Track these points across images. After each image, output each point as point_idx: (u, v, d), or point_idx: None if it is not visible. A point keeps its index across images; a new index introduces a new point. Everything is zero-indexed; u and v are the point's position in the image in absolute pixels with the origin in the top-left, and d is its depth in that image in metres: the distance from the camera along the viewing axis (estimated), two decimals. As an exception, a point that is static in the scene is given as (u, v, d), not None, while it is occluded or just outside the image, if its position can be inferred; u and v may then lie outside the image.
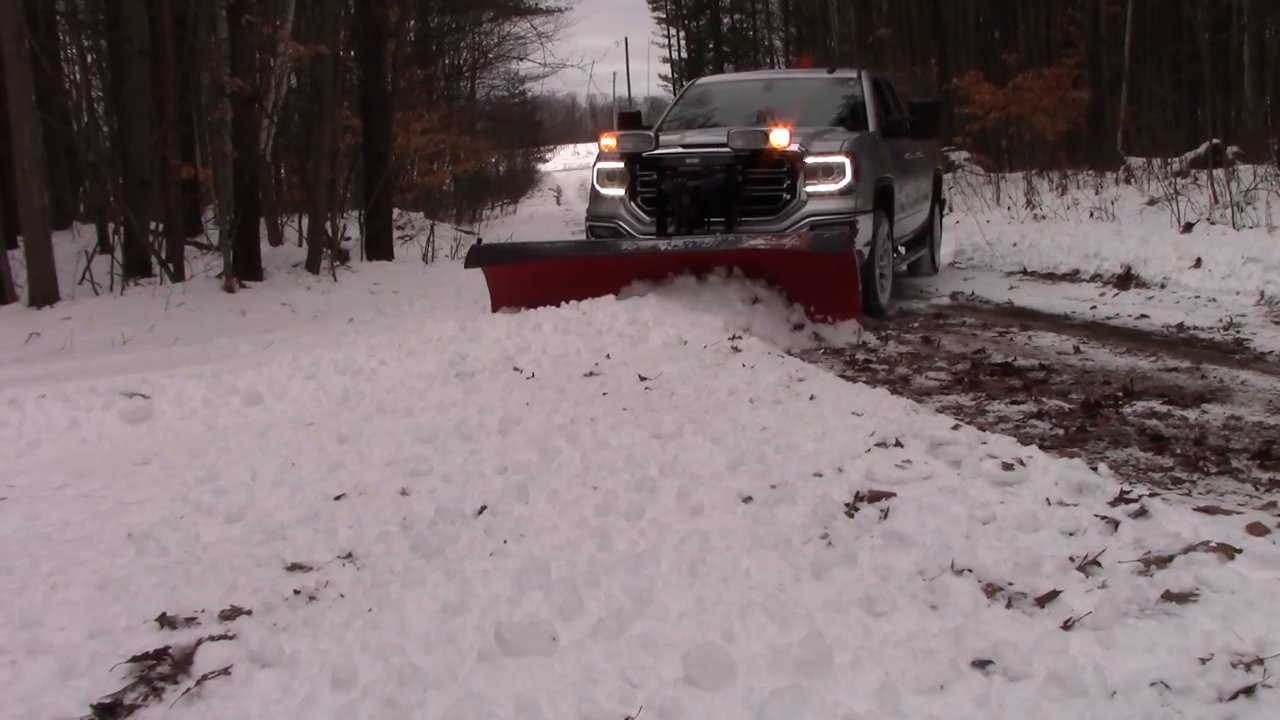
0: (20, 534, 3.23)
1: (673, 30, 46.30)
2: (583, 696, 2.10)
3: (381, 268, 12.28)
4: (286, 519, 3.25)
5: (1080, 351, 5.97)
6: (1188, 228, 10.27)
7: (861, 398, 4.47)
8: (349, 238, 13.54)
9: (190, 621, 2.53)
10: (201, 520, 3.28)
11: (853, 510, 3.09)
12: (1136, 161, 15.52)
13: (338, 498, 3.44)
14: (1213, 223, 10.56)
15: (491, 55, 31.98)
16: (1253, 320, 6.74)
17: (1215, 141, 13.93)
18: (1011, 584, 2.56)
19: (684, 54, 44.71)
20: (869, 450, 3.61)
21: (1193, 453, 3.86)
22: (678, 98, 9.72)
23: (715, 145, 7.28)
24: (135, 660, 2.32)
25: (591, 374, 5.13)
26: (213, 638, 2.42)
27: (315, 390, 4.98)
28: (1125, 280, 8.62)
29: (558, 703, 2.10)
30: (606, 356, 5.47)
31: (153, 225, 10.41)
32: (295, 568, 2.86)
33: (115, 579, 2.79)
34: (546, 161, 46.50)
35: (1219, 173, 12.19)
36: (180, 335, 7.56)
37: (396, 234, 14.40)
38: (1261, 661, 2.12)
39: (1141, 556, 2.65)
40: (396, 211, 15.73)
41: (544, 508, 3.22)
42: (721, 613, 2.44)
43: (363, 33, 13.64)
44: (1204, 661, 2.14)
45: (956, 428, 3.83)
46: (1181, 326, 6.63)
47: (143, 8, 10.24)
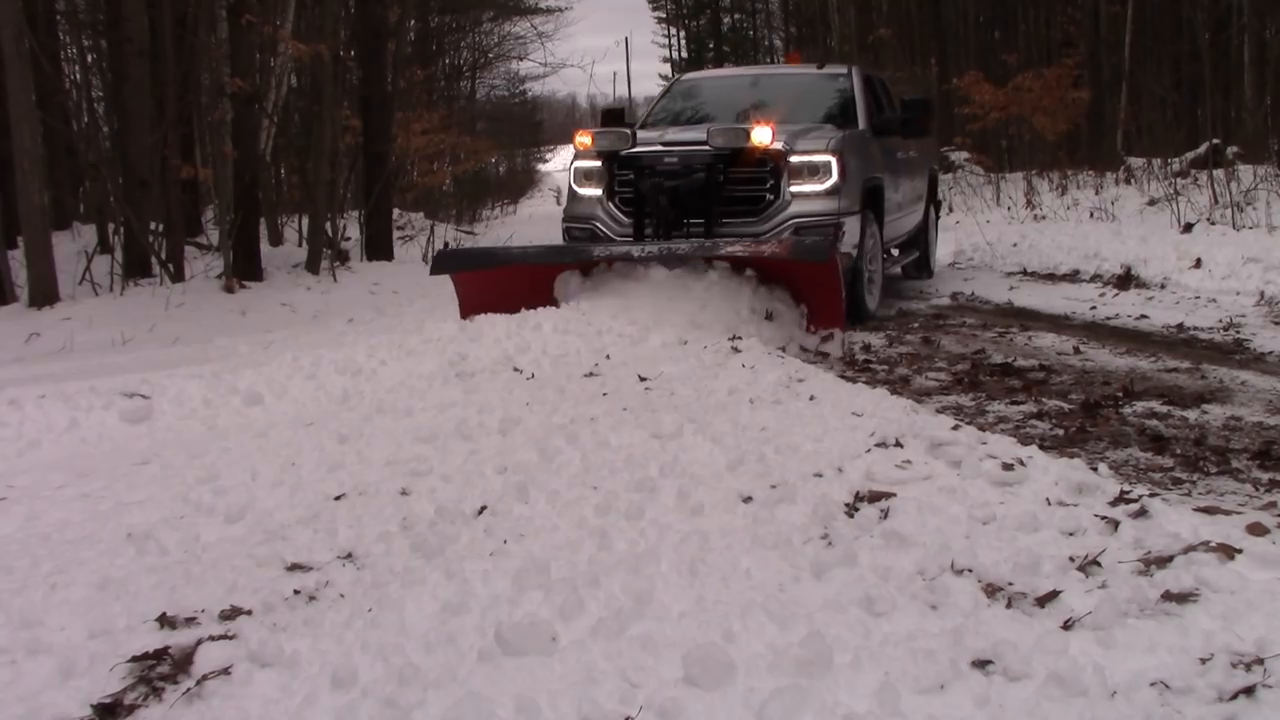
0: (20, 534, 3.22)
1: (673, 30, 46.36)
2: (583, 696, 2.10)
3: (381, 268, 12.28)
4: (286, 519, 3.25)
5: (1080, 352, 5.97)
6: (1188, 228, 10.27)
7: (861, 398, 4.47)
8: (349, 238, 13.55)
9: (190, 621, 2.53)
10: (201, 520, 3.28)
11: (853, 510, 3.09)
12: (1136, 161, 15.53)
13: (338, 498, 3.44)
14: (1213, 223, 10.56)
15: (491, 55, 32.01)
16: (1253, 320, 6.74)
17: (1215, 141, 13.94)
18: (1011, 584, 2.55)
19: (684, 54, 44.73)
20: (869, 450, 3.61)
21: (1193, 453, 3.86)
22: (662, 94, 9.32)
23: (695, 143, 6.95)
24: (135, 660, 2.32)
25: (591, 374, 5.12)
26: (213, 638, 2.42)
27: (315, 390, 4.98)
28: (1125, 280, 8.62)
29: (558, 703, 2.10)
30: (606, 357, 5.47)
31: (153, 225, 10.42)
32: (295, 568, 2.86)
33: (115, 579, 2.79)
34: (546, 162, 46.41)
35: (1219, 173, 12.19)
36: (180, 335, 7.56)
37: (396, 234, 14.41)
38: (1261, 661, 2.12)
39: (1141, 556, 2.65)
40: (396, 211, 15.74)
41: (544, 508, 3.22)
42: (721, 613, 2.44)
43: (363, 33, 13.64)
44: (1204, 661, 2.14)
45: (956, 428, 3.83)
46: (1181, 327, 6.64)
47: (143, 8, 10.25)
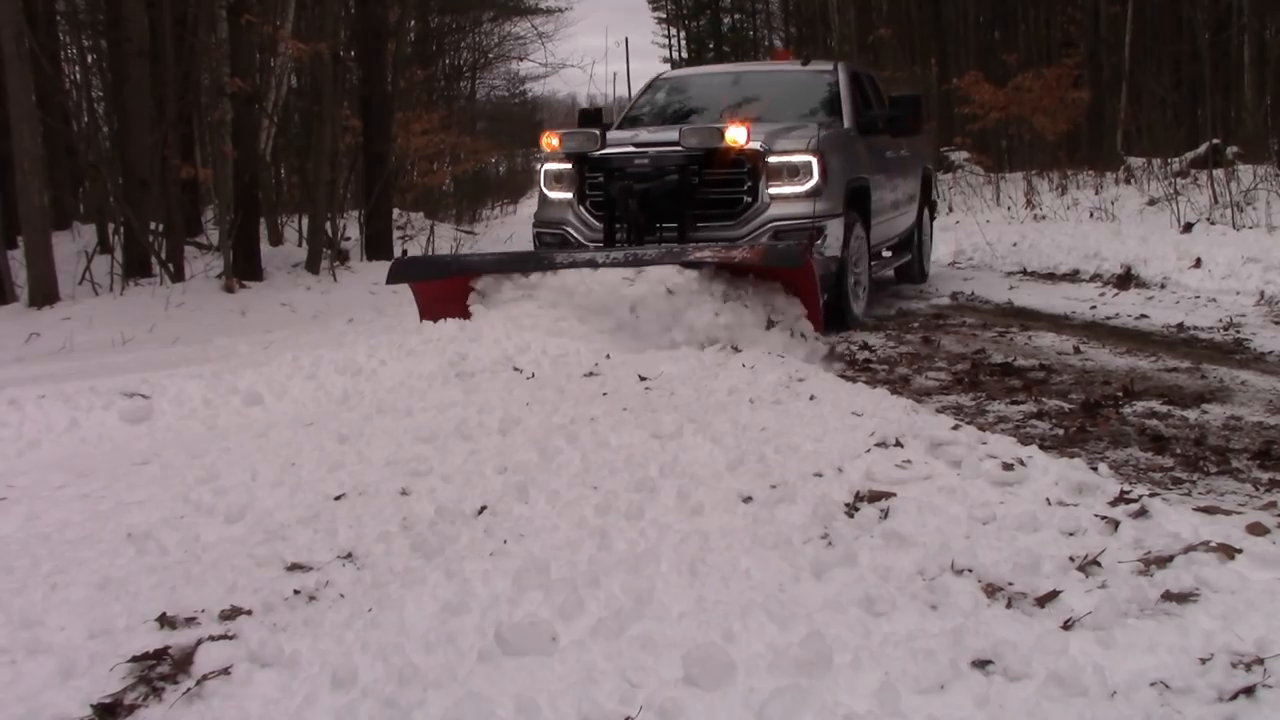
0: (20, 534, 3.22)
1: (673, 30, 46.33)
2: (583, 696, 2.10)
3: (381, 268, 12.19)
4: (286, 519, 3.25)
5: (1080, 351, 5.97)
6: (1188, 228, 10.27)
7: (861, 398, 4.47)
8: (349, 238, 13.54)
9: (190, 621, 2.53)
10: (201, 520, 3.28)
11: (853, 510, 3.09)
12: (1136, 161, 15.52)
13: (338, 498, 3.44)
14: (1213, 223, 10.56)
15: (491, 55, 31.98)
16: (1253, 320, 6.75)
17: (1215, 141, 13.93)
18: (1011, 584, 2.55)
19: (684, 54, 44.71)
20: (869, 450, 3.61)
21: (1193, 453, 3.86)
22: (640, 92, 8.90)
23: (667, 144, 6.68)
24: (135, 660, 2.32)
25: (591, 374, 5.12)
26: (213, 638, 2.42)
27: (315, 390, 4.99)
28: (1125, 280, 8.63)
29: (558, 703, 2.10)
30: (606, 356, 5.47)
31: (153, 225, 10.41)
32: (295, 568, 2.86)
33: (115, 579, 2.79)
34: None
35: (1219, 173, 12.19)
36: (180, 335, 7.55)
37: (396, 234, 14.41)
38: (1261, 661, 2.12)
39: (1141, 556, 2.65)
40: (396, 211, 15.73)
41: (544, 508, 3.22)
42: (721, 613, 2.44)
43: (363, 33, 13.64)
44: (1204, 661, 2.14)
45: (956, 428, 3.83)
46: (1181, 326, 6.64)
47: (143, 8, 10.25)
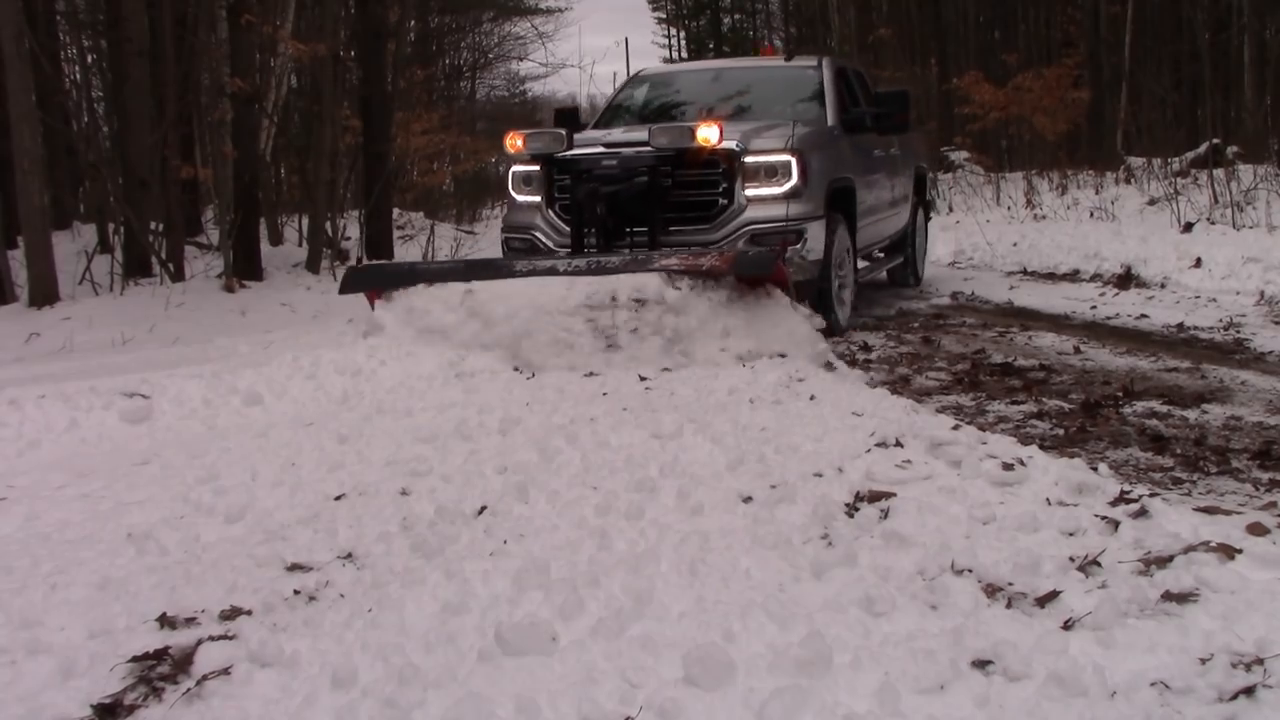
0: (20, 534, 3.22)
1: (673, 30, 46.34)
2: (583, 696, 2.10)
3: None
4: (286, 519, 3.25)
5: (1080, 351, 5.97)
6: (1188, 228, 10.27)
7: (861, 398, 4.46)
8: (349, 238, 13.53)
9: (190, 621, 2.53)
10: (201, 520, 3.28)
11: (853, 510, 3.09)
12: (1136, 161, 15.52)
13: (338, 498, 3.44)
14: (1213, 223, 10.56)
15: (491, 55, 31.99)
16: (1253, 320, 6.75)
17: (1215, 141, 13.93)
18: (1011, 584, 2.56)
19: (684, 54, 44.70)
20: (869, 450, 3.61)
21: (1193, 453, 3.86)
22: (618, 90, 8.62)
23: (637, 145, 6.39)
24: (135, 660, 2.32)
25: (591, 374, 5.12)
26: (213, 638, 2.42)
27: (315, 390, 4.98)
28: (1125, 280, 8.63)
29: (558, 703, 2.10)
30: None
31: (153, 225, 10.40)
32: (295, 568, 2.86)
33: (115, 579, 2.79)
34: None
35: (1219, 173, 12.19)
36: (180, 335, 7.55)
37: (396, 234, 14.39)
38: (1261, 661, 2.12)
39: (1141, 556, 2.65)
40: (396, 211, 15.72)
41: (544, 508, 3.22)
42: (721, 613, 2.44)
43: (363, 33, 13.62)
44: (1204, 661, 2.14)
45: (956, 428, 3.83)
46: (1181, 326, 6.64)
47: (143, 8, 10.23)
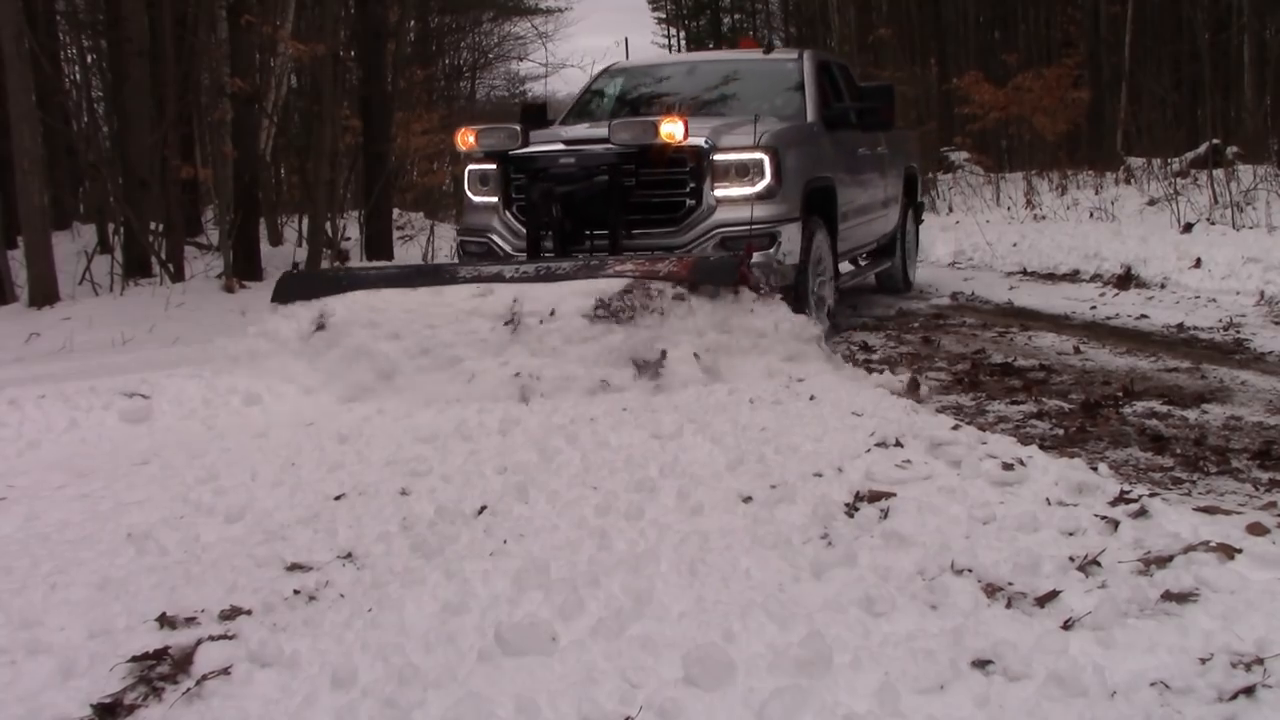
0: (20, 534, 3.22)
1: (673, 30, 46.35)
2: (583, 696, 2.10)
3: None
4: (286, 519, 3.25)
5: (1080, 352, 5.97)
6: (1188, 228, 10.27)
7: (861, 398, 4.46)
8: (349, 238, 13.53)
9: (190, 621, 2.53)
10: (201, 520, 3.28)
11: (853, 510, 3.09)
12: (1136, 161, 15.52)
13: (338, 498, 3.44)
14: (1213, 223, 10.56)
15: (491, 55, 32.02)
16: (1253, 320, 6.74)
17: (1215, 141, 13.93)
18: (1011, 584, 2.56)
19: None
20: (869, 450, 3.61)
21: (1193, 453, 3.86)
22: (588, 84, 8.21)
23: (597, 141, 5.96)
24: (135, 660, 2.33)
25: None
26: (213, 638, 2.42)
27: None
28: (1125, 280, 8.62)
29: (558, 703, 2.10)
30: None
31: (153, 225, 10.40)
32: (295, 568, 2.86)
33: (115, 579, 2.79)
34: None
35: (1219, 173, 12.19)
36: (180, 335, 7.54)
37: (396, 234, 14.39)
38: (1261, 661, 2.12)
39: (1141, 556, 2.65)
40: (396, 211, 15.71)
41: (544, 508, 3.22)
42: (721, 613, 2.44)
43: (363, 33, 13.62)
44: (1204, 661, 2.14)
45: (956, 428, 3.83)
46: (1181, 327, 6.64)
47: (143, 8, 10.23)
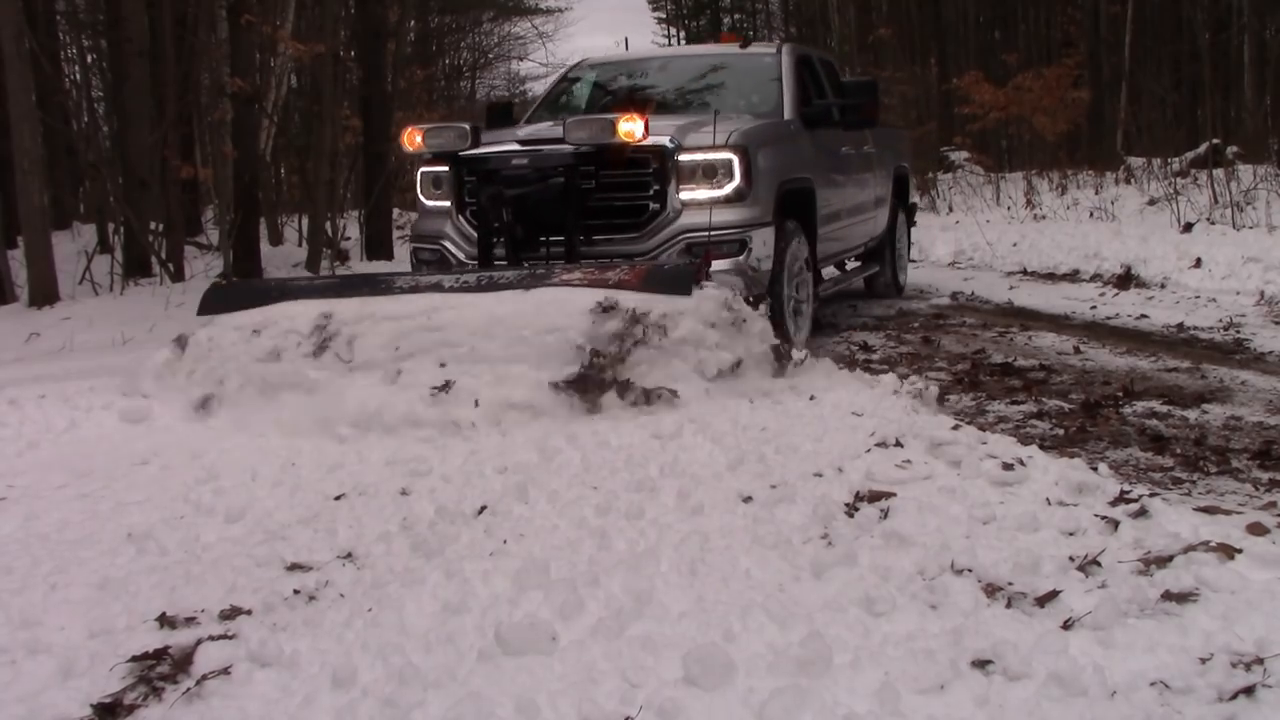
0: (20, 534, 3.22)
1: (673, 30, 46.34)
2: (583, 696, 2.10)
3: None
4: (286, 519, 3.25)
5: (1080, 351, 5.97)
6: (1188, 228, 10.27)
7: (861, 398, 4.46)
8: (349, 238, 13.54)
9: (190, 621, 2.53)
10: (201, 520, 3.28)
11: (853, 510, 3.09)
12: (1136, 161, 15.53)
13: (338, 498, 3.44)
14: (1213, 223, 10.56)
15: (491, 55, 32.08)
16: (1253, 320, 6.74)
17: (1215, 141, 13.93)
18: (1011, 584, 2.56)
19: (684, 54, 44.67)
20: (869, 450, 3.61)
21: (1193, 453, 3.86)
22: (555, 82, 7.86)
23: (552, 141, 5.58)
24: (135, 660, 2.33)
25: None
26: (213, 638, 2.42)
27: None
28: (1125, 280, 8.62)
29: (558, 703, 2.10)
30: None
31: (153, 225, 10.40)
32: (295, 568, 2.86)
33: (115, 579, 2.79)
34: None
35: (1219, 173, 12.19)
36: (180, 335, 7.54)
37: (396, 234, 14.38)
38: (1261, 661, 2.12)
39: (1141, 556, 2.65)
40: (396, 211, 15.70)
41: (544, 508, 3.22)
42: (721, 613, 2.44)
43: (363, 33, 13.63)
44: (1204, 661, 2.14)
45: (956, 428, 3.83)
46: (1181, 326, 6.63)
47: (143, 8, 10.23)
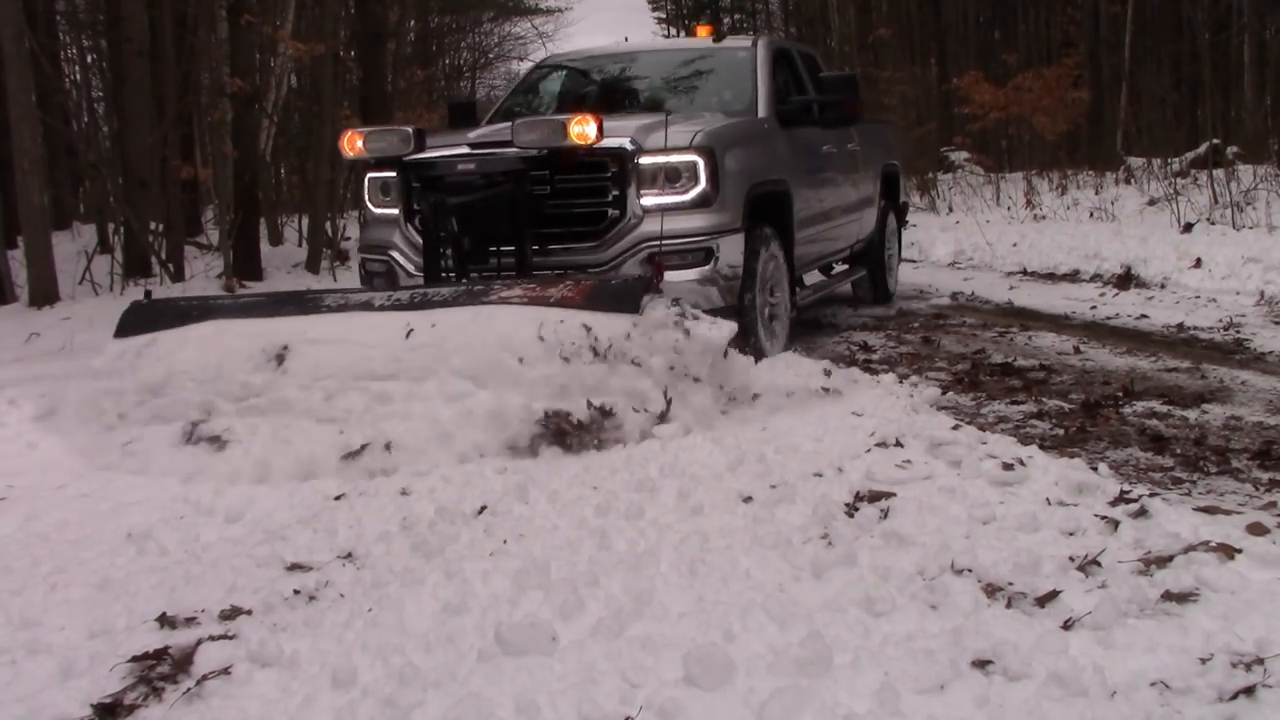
0: (20, 534, 3.22)
1: (673, 30, 46.33)
2: (583, 696, 2.10)
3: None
4: (286, 519, 3.25)
5: (1080, 351, 5.96)
6: (1188, 228, 10.27)
7: (861, 397, 4.46)
8: (349, 238, 13.52)
9: (190, 621, 2.53)
10: (201, 520, 3.28)
11: (853, 510, 3.09)
12: (1136, 161, 15.52)
13: (338, 498, 3.44)
14: (1213, 223, 10.56)
15: (491, 55, 32.08)
16: (1253, 320, 6.74)
17: (1215, 141, 13.92)
18: (1011, 584, 2.56)
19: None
20: (869, 450, 3.61)
21: (1193, 453, 3.86)
22: (519, 81, 7.50)
23: (501, 145, 5.22)
24: (135, 660, 2.33)
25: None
26: (213, 638, 2.43)
27: None
28: (1125, 280, 8.62)
29: (558, 703, 2.10)
30: None
31: (153, 225, 10.40)
32: (295, 568, 2.86)
33: (115, 579, 2.80)
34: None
35: (1219, 173, 12.18)
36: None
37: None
38: (1261, 661, 2.12)
39: (1141, 556, 2.65)
40: (396, 211, 15.71)
41: (544, 507, 3.22)
42: (721, 613, 2.44)
43: (362, 33, 13.64)
44: (1204, 661, 2.14)
45: (956, 428, 3.83)
46: (1181, 326, 6.63)
47: (143, 8, 10.23)
